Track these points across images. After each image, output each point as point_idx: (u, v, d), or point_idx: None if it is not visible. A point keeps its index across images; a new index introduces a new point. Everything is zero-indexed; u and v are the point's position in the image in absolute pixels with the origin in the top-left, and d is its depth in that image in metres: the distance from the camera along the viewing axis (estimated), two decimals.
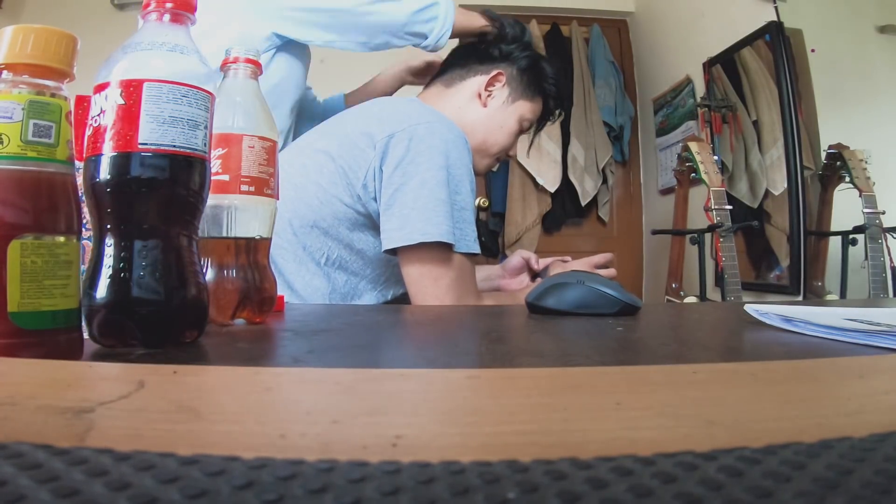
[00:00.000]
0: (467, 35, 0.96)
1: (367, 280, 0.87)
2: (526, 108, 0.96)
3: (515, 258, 1.04)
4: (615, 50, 2.77)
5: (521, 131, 0.98)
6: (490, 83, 0.94)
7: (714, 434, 0.17)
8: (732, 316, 0.61)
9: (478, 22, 0.96)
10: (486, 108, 0.95)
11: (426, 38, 0.91)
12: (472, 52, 0.96)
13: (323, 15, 0.88)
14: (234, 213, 0.48)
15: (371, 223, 0.84)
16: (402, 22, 0.88)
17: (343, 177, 0.82)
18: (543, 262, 1.02)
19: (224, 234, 0.48)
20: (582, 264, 0.96)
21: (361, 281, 0.87)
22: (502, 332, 0.50)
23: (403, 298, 0.87)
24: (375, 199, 0.82)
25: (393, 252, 0.81)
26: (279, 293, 0.53)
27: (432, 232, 0.78)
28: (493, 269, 1.06)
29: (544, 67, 0.98)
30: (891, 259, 1.52)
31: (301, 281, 0.83)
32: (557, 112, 1.03)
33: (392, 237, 0.80)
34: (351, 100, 1.14)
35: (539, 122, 1.01)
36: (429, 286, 0.80)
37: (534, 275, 1.02)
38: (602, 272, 0.95)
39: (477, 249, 0.84)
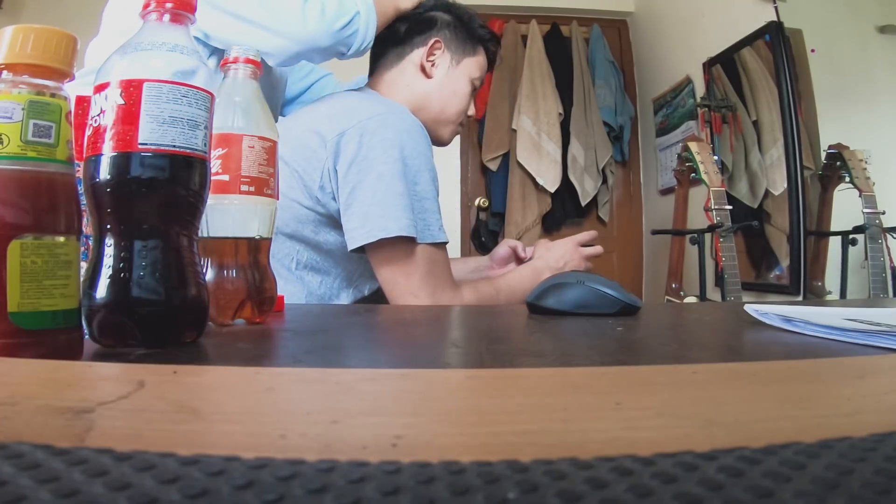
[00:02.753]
0: (391, 21, 0.91)
1: (340, 279, 0.86)
2: (472, 66, 0.96)
3: (502, 248, 1.03)
4: (615, 50, 2.77)
5: (475, 90, 0.97)
6: (430, 52, 0.93)
7: (714, 434, 0.17)
8: (732, 316, 0.61)
9: (390, 9, 0.90)
10: (433, 77, 0.93)
11: (346, 52, 0.85)
12: (401, 29, 0.94)
13: (242, 25, 0.80)
14: (234, 213, 0.48)
15: (334, 222, 0.83)
16: (324, 46, 0.82)
17: (298, 180, 0.81)
18: (530, 249, 1.01)
19: (224, 234, 0.48)
20: (567, 243, 0.94)
21: (335, 280, 0.86)
22: (502, 332, 0.50)
23: (380, 292, 0.86)
24: (334, 199, 0.81)
25: (360, 251, 0.81)
26: None
27: (392, 227, 0.77)
28: (482, 260, 1.06)
29: (470, 15, 0.96)
30: (891, 259, 1.52)
31: None
32: (498, 57, 1.02)
33: (354, 236, 0.79)
34: None
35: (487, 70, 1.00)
36: (401, 282, 0.80)
37: (521, 263, 1.02)
38: (588, 250, 0.94)
39: (443, 238, 0.83)
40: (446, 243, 0.84)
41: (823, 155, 1.68)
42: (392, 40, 0.95)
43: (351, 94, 0.93)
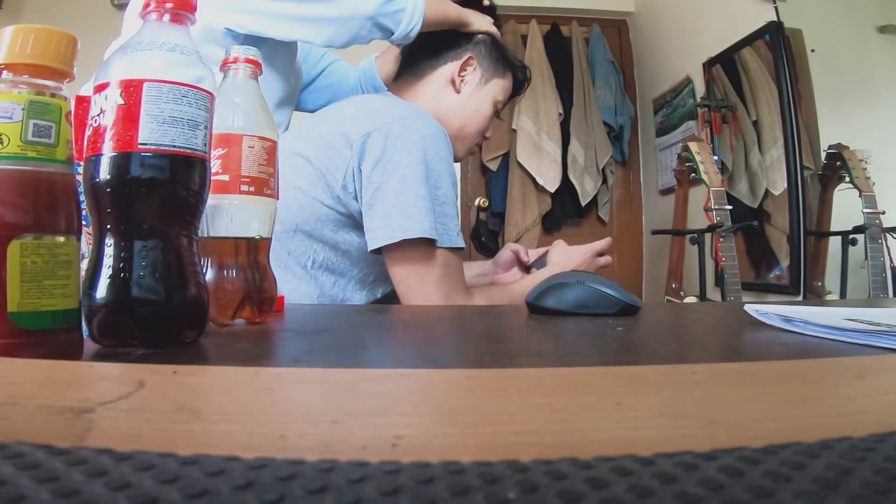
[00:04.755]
0: (442, 26, 0.92)
1: (354, 280, 0.87)
2: (499, 88, 0.96)
3: (505, 252, 1.03)
4: (615, 50, 2.77)
5: (496, 111, 0.98)
6: (462, 68, 0.94)
7: (714, 434, 0.17)
8: (732, 316, 0.61)
9: (451, 10, 0.91)
10: (461, 93, 0.94)
11: (393, 32, 0.85)
12: (438, 39, 0.94)
13: (285, 6, 0.83)
14: (234, 213, 0.48)
15: (354, 223, 0.83)
16: (368, 14, 0.82)
17: (321, 179, 0.82)
18: (534, 252, 1.01)
19: (224, 234, 0.48)
20: (586, 253, 0.94)
21: (350, 282, 0.86)
22: (502, 332, 0.50)
23: (392, 296, 0.86)
24: (356, 199, 0.82)
25: (379, 252, 0.81)
26: None
27: (414, 228, 0.78)
28: (486, 265, 1.06)
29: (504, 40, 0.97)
30: (891, 259, 1.52)
31: (288, 286, 0.82)
32: (526, 84, 1.02)
33: (375, 237, 0.80)
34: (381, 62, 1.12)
35: (511, 97, 1.01)
36: (416, 285, 0.80)
37: (525, 267, 1.02)
38: (600, 260, 0.95)
39: (461, 243, 0.83)
40: (463, 249, 0.85)
41: (823, 155, 1.68)
42: (426, 50, 0.95)
43: (376, 97, 0.94)
